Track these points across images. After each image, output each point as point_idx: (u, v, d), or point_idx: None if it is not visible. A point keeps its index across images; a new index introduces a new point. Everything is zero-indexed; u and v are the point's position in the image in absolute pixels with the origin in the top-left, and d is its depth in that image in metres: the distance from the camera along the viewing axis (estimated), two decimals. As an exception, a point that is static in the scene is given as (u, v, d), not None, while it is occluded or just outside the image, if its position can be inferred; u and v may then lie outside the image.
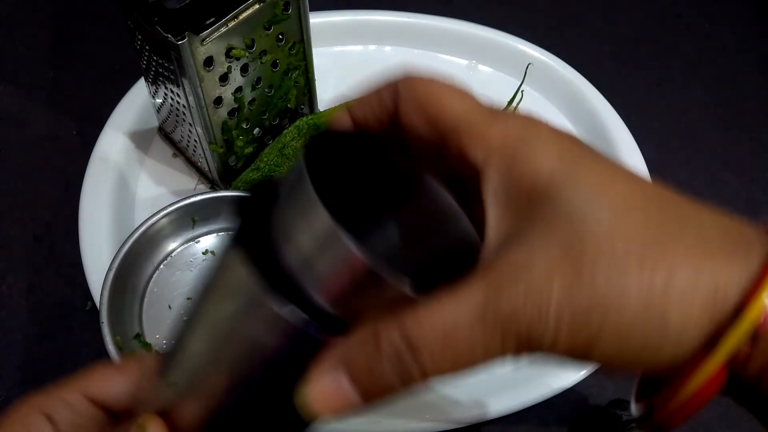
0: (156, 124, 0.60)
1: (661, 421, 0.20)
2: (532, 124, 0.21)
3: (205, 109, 0.47)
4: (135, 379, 0.27)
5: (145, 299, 0.50)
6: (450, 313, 0.18)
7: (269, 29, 0.47)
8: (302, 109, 0.59)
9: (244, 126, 0.53)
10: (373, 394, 0.19)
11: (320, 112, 0.58)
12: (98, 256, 0.52)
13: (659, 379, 0.20)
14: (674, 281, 0.18)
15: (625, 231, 0.18)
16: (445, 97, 0.21)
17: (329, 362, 0.19)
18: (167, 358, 0.24)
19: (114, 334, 0.44)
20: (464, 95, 0.22)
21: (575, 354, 0.18)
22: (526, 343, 0.18)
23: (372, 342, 0.19)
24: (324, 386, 0.19)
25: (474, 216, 0.23)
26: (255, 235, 0.20)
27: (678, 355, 0.18)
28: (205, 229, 0.54)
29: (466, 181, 0.22)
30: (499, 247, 0.20)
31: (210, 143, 0.51)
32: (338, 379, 0.19)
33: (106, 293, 0.45)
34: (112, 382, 0.27)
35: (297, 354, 0.20)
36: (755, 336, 0.17)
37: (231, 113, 0.50)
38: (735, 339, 0.18)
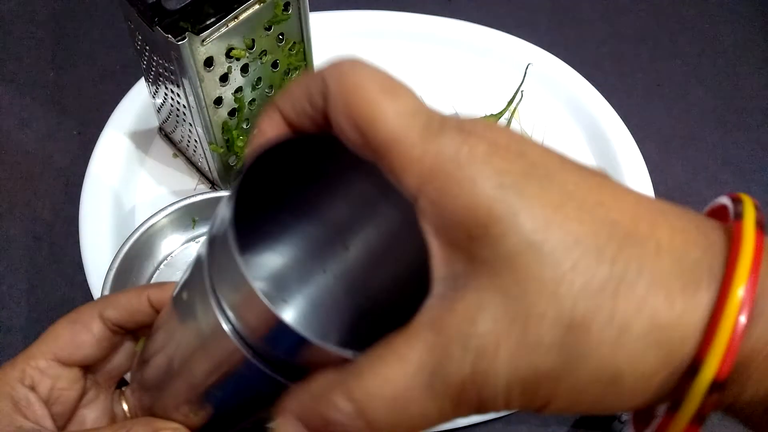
0: (156, 124, 0.60)
1: None
2: (470, 137, 0.17)
3: (205, 109, 0.48)
4: (98, 331, 0.28)
5: (146, 299, 0.50)
6: (396, 378, 0.17)
7: (269, 29, 0.47)
8: (302, 109, 0.59)
9: (245, 126, 0.53)
10: None
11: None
12: (99, 256, 0.52)
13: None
14: (625, 339, 0.16)
15: (571, 282, 0.16)
16: (377, 102, 0.18)
17: (290, 413, 0.19)
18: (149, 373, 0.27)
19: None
20: (400, 97, 0.18)
21: (530, 410, 0.18)
22: (478, 406, 0.18)
23: (324, 404, 0.18)
24: None
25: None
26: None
27: (638, 403, 0.18)
28: (205, 229, 0.54)
29: None
30: (444, 294, 0.18)
31: (210, 143, 0.51)
32: (300, 430, 0.19)
33: (106, 293, 0.45)
34: (79, 342, 0.28)
35: (266, 393, 0.22)
36: (719, 385, 0.16)
37: (231, 113, 0.51)
38: (693, 404, 0.17)
